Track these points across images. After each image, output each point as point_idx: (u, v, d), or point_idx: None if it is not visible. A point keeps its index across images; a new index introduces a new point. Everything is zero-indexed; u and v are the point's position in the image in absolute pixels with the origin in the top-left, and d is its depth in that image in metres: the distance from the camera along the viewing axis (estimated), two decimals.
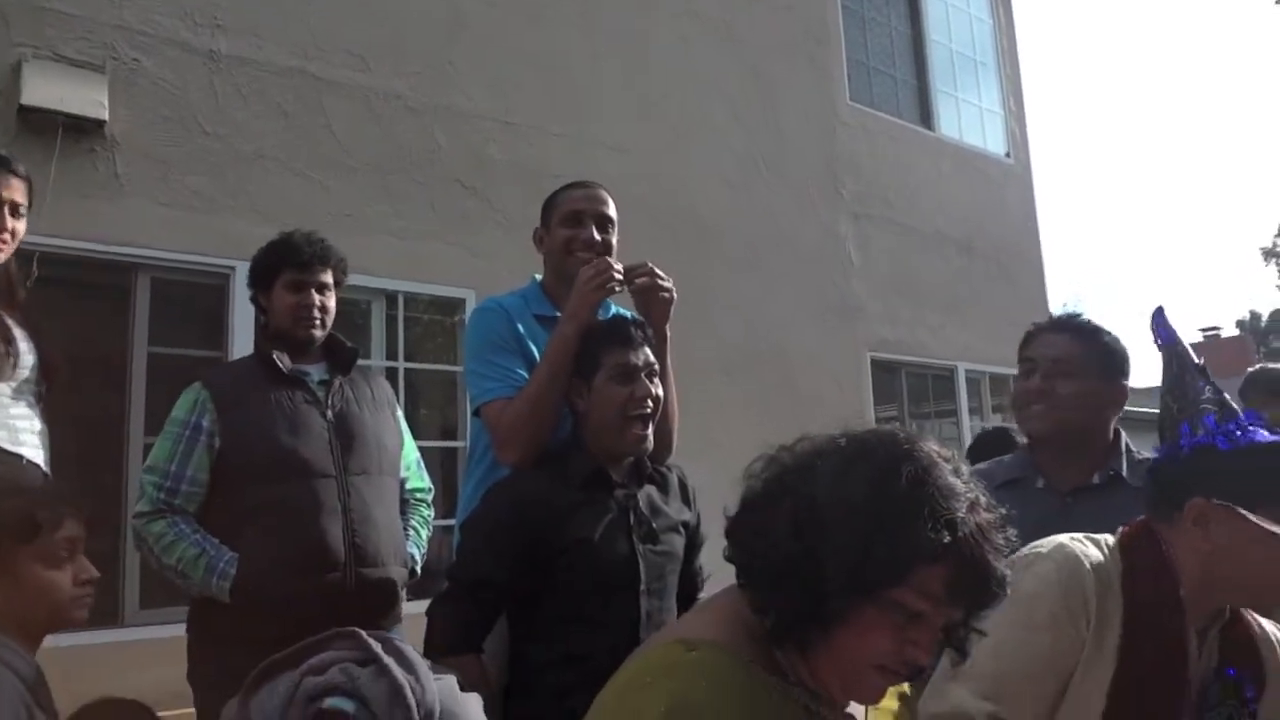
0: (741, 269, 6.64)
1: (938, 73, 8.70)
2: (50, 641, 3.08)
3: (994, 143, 9.15)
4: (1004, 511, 1.12)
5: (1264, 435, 1.56)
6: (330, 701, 1.29)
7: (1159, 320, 1.75)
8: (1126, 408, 2.16)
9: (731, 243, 6.62)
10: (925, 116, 8.55)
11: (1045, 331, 2.15)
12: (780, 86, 7.27)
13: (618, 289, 2.22)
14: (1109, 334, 2.12)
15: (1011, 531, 1.11)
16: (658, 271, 2.27)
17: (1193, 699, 1.53)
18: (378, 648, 1.36)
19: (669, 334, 2.29)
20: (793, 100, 7.34)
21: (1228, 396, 1.63)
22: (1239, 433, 1.57)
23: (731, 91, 6.93)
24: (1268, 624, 1.69)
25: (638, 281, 2.25)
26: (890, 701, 1.25)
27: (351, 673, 1.32)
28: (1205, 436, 1.58)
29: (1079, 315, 2.16)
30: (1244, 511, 1.51)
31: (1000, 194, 8.97)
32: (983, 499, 1.09)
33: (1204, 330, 29.38)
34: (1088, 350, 2.08)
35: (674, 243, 6.06)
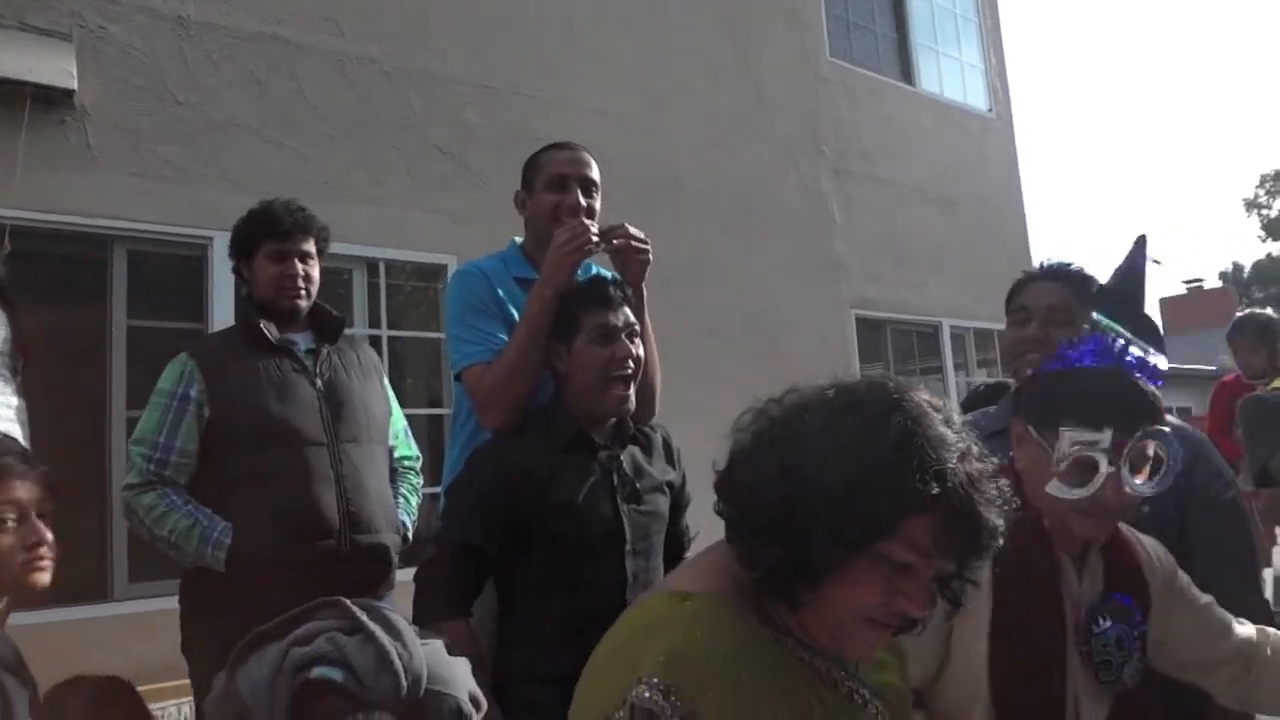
0: (724, 229, 6.62)
1: (918, 27, 8.63)
2: (39, 617, 3.08)
3: (975, 97, 9.11)
4: (995, 461, 1.11)
5: (1089, 359, 1.53)
6: (318, 671, 1.29)
7: (1140, 250, 1.75)
8: None
9: (713, 203, 6.59)
10: (906, 72, 8.51)
11: (1039, 279, 2.11)
12: (759, 44, 7.20)
13: (594, 250, 2.20)
14: (1098, 282, 2.10)
15: (1004, 482, 1.10)
16: (634, 231, 2.25)
17: (1076, 628, 1.53)
18: (363, 616, 1.36)
19: (646, 293, 2.28)
20: (772, 58, 7.27)
21: (1106, 322, 1.60)
22: (1069, 353, 1.55)
23: (710, 51, 6.87)
24: (1149, 541, 1.69)
25: (614, 242, 2.23)
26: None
27: (338, 641, 1.32)
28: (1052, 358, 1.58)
29: (1070, 263, 2.12)
30: (1032, 431, 1.50)
31: (982, 149, 8.95)
32: (974, 449, 1.08)
33: (1187, 282, 29.58)
34: (1083, 299, 2.03)
35: (655, 204, 6.02)
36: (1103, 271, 2.11)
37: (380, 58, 5.22)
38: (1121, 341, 1.54)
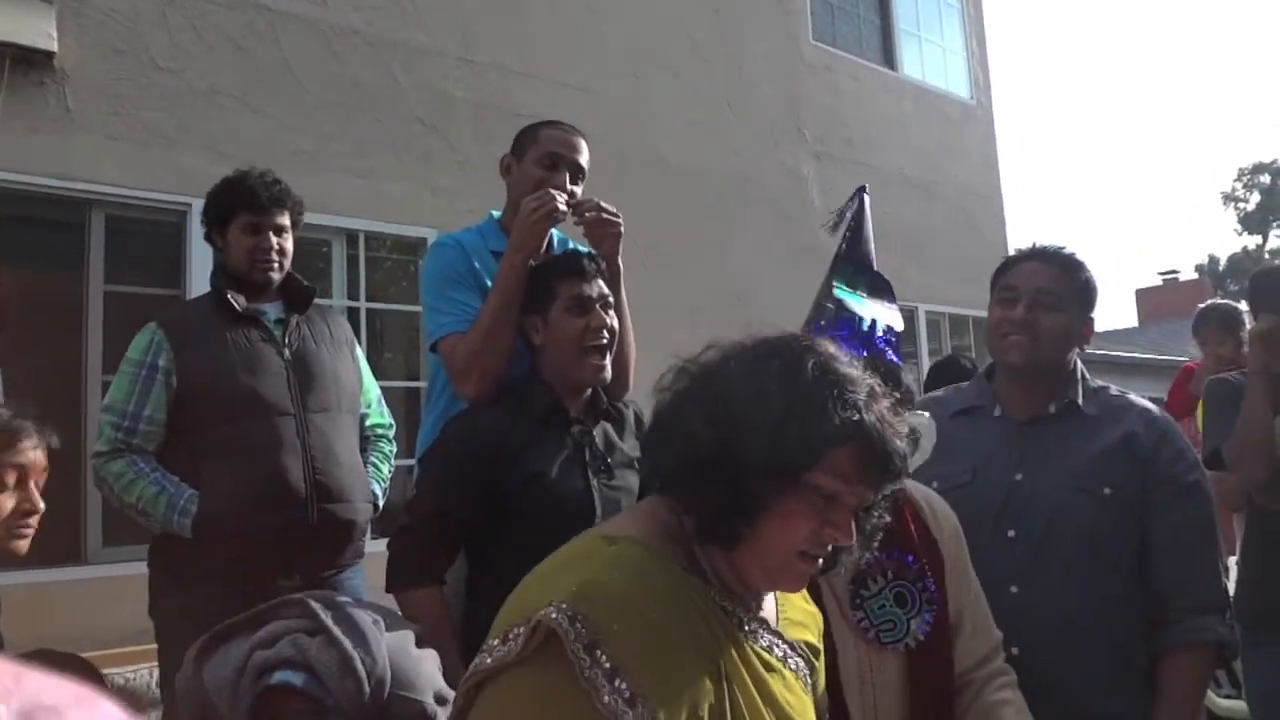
0: (705, 210, 6.64)
1: (901, 12, 8.65)
2: (12, 578, 3.09)
3: (957, 84, 9.15)
4: (899, 396, 1.19)
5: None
6: (278, 676, 1.30)
7: (860, 203, 1.81)
8: (1090, 350, 2.17)
9: (694, 184, 6.61)
10: (888, 56, 8.53)
11: (1030, 259, 2.10)
12: (743, 26, 7.21)
13: (561, 219, 2.23)
14: (1086, 267, 2.10)
15: (907, 412, 1.18)
16: (605, 205, 2.27)
17: (841, 597, 1.55)
18: (327, 617, 1.37)
19: (621, 267, 2.30)
20: (756, 40, 7.28)
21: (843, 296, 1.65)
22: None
23: (694, 31, 6.87)
24: (935, 500, 1.72)
25: (586, 215, 2.26)
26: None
27: (301, 644, 1.33)
28: None
29: (1063, 247, 2.11)
30: None
31: (962, 136, 9.00)
32: (879, 387, 1.16)
33: (1163, 274, 29.76)
34: (1070, 283, 2.06)
35: (636, 183, 6.03)
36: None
37: (364, 28, 5.20)
38: (868, 320, 1.58)
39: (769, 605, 1.25)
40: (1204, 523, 1.99)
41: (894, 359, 1.56)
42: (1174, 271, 29.34)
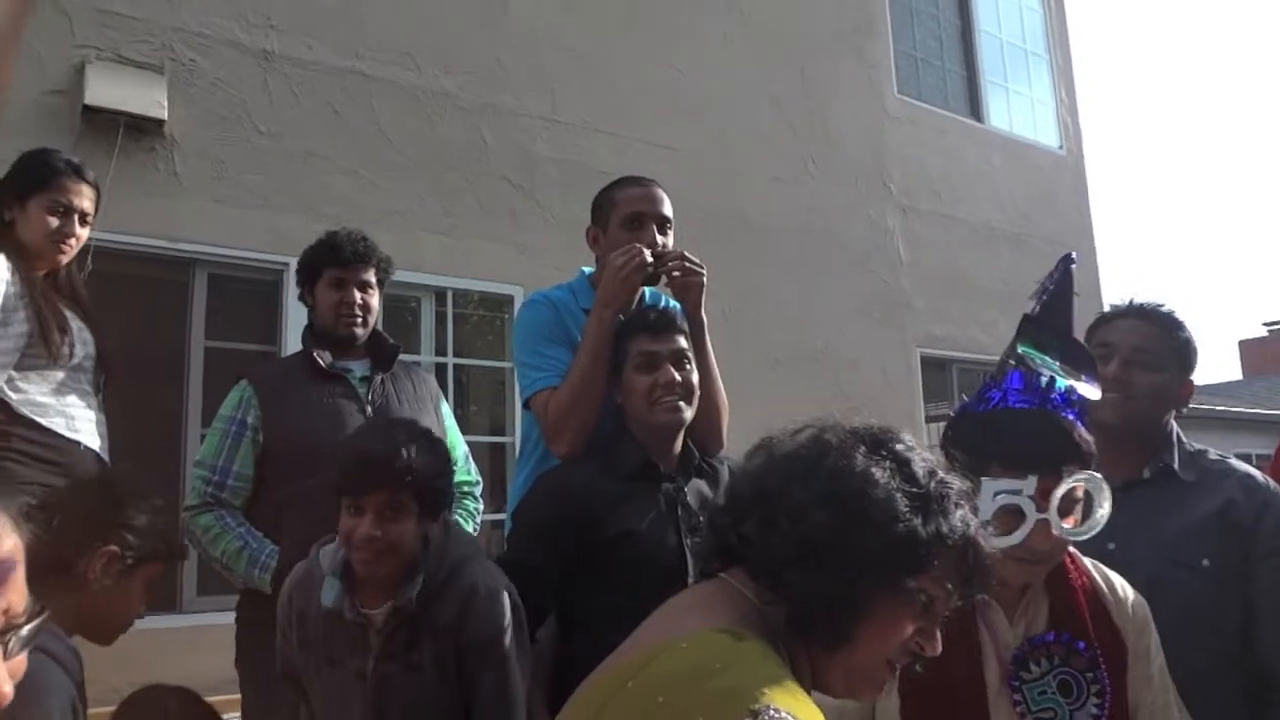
0: (789, 266, 6.61)
1: (987, 63, 8.57)
2: None
3: (1046, 134, 8.99)
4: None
5: (1013, 399, 1.48)
6: None
7: (1066, 270, 1.73)
8: (1194, 404, 2.08)
9: (779, 239, 6.60)
10: (975, 108, 8.44)
11: (1126, 317, 2.05)
12: (826, 81, 7.22)
13: (648, 272, 2.21)
14: (1186, 327, 2.03)
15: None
16: (689, 256, 2.25)
17: (1004, 677, 1.45)
18: None
19: (704, 319, 2.28)
20: (839, 95, 7.28)
21: (1029, 353, 1.55)
22: (993, 394, 1.50)
23: (777, 87, 6.90)
24: (1121, 584, 1.60)
25: (669, 266, 2.24)
26: None
27: None
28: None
29: (1161, 304, 2.05)
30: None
31: (1052, 186, 8.82)
32: (970, 496, 1.15)
33: (1268, 325, 28.54)
34: (1168, 342, 2.00)
35: (721, 241, 6.05)
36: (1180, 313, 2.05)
37: (454, 92, 5.36)
38: (1047, 377, 1.50)
39: None
40: None
41: (1070, 415, 1.48)
42: (1279, 322, 28.14)
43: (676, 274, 2.24)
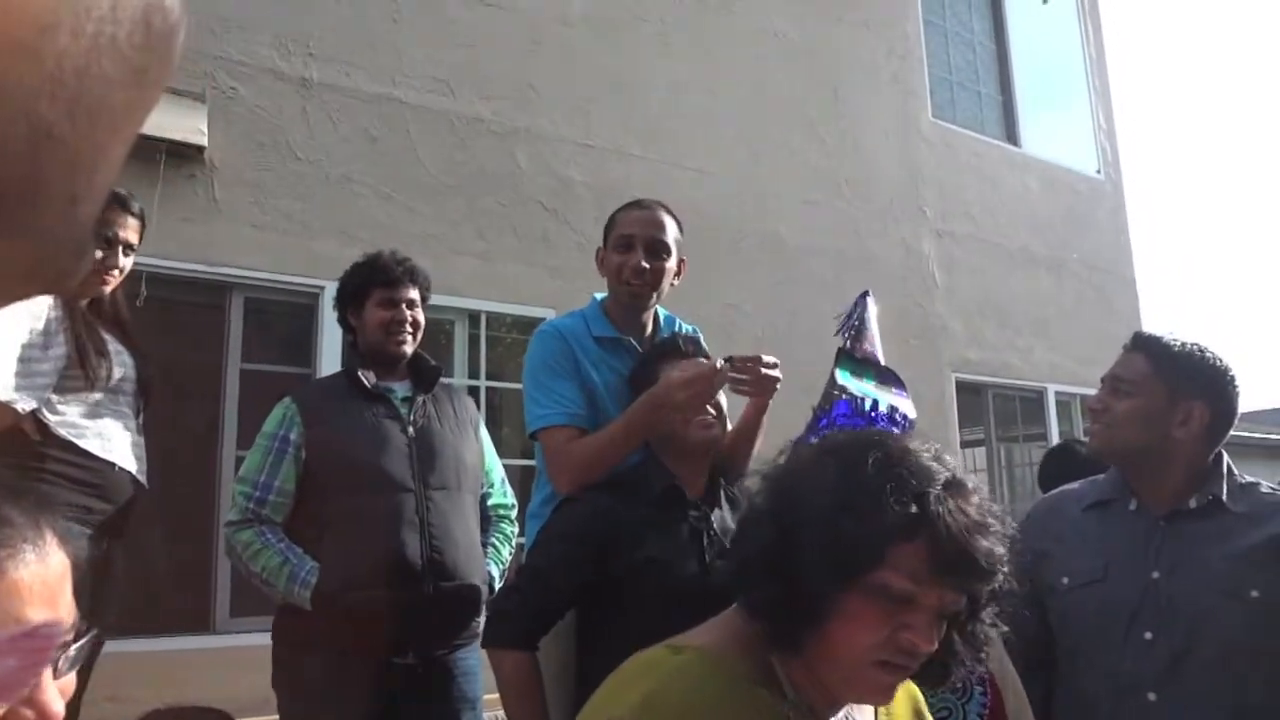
0: (823, 289, 6.58)
1: (1024, 87, 8.52)
2: (142, 645, 3.20)
3: (1083, 159, 8.92)
4: (988, 490, 1.12)
5: (841, 423, 1.53)
6: None
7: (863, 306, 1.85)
8: (1238, 432, 2.06)
9: (812, 262, 6.57)
10: (1010, 132, 8.39)
11: (1127, 349, 2.09)
12: (861, 104, 7.21)
13: (721, 385, 2.13)
14: (1196, 353, 1.98)
15: (998, 508, 1.10)
16: (765, 359, 2.18)
17: None
18: None
19: (768, 405, 2.30)
20: (874, 118, 7.27)
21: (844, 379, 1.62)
22: (821, 422, 1.55)
23: (811, 111, 6.90)
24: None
25: (745, 376, 2.17)
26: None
27: None
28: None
29: (1166, 335, 2.05)
30: None
31: (1090, 211, 8.74)
32: (968, 481, 1.09)
33: None
34: (1157, 369, 1.98)
35: (754, 264, 6.05)
36: (1230, 340, 2.04)
37: (488, 117, 5.41)
38: (870, 399, 1.55)
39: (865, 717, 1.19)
40: None
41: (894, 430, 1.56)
42: None
43: (745, 384, 2.16)
